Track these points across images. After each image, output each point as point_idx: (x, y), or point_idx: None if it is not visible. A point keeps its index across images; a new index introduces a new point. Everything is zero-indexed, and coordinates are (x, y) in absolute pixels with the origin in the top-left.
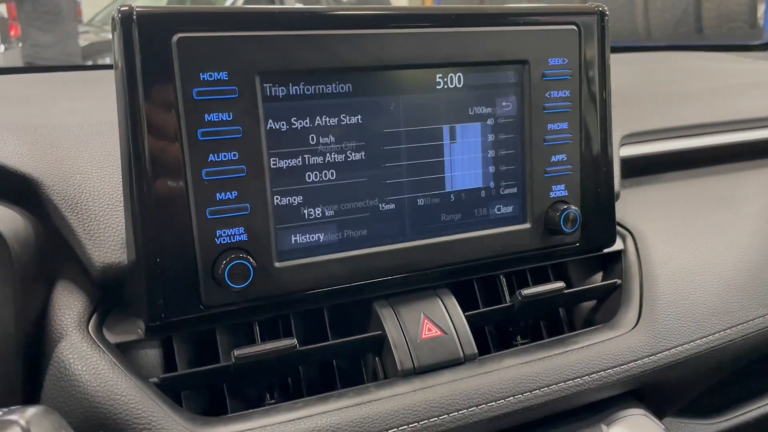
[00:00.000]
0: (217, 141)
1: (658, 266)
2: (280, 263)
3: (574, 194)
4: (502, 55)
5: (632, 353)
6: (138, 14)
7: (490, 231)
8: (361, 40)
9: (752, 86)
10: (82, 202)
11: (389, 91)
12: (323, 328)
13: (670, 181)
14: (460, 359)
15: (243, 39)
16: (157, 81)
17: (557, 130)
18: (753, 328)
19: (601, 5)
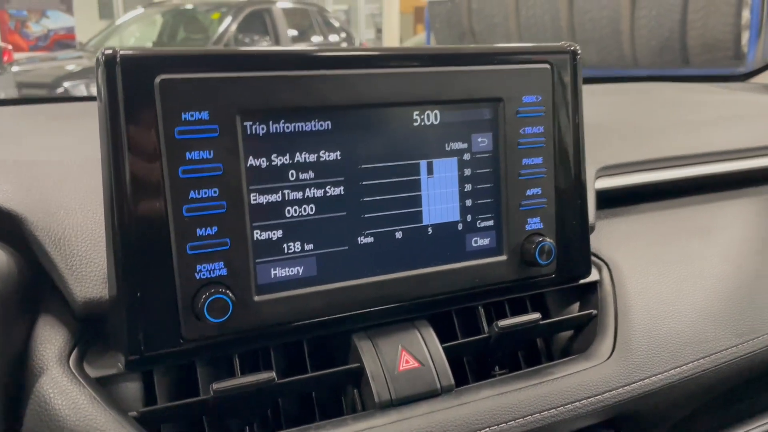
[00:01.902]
0: (198, 178)
1: (633, 296)
2: (260, 297)
3: (549, 227)
4: (478, 93)
5: (607, 384)
6: (122, 57)
7: (467, 263)
8: (340, 80)
9: (726, 119)
10: (65, 237)
11: (367, 128)
12: (303, 360)
13: (645, 212)
14: (437, 390)
15: (224, 80)
16: (140, 121)
17: (532, 165)
18: (726, 357)
19: (573, 44)
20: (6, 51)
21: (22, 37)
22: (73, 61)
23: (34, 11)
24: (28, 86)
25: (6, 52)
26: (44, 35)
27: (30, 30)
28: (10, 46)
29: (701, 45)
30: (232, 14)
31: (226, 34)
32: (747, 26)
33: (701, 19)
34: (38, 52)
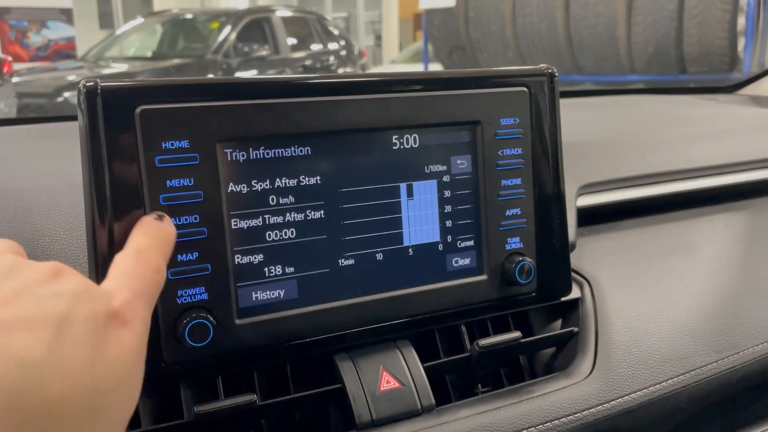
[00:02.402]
0: (178, 205)
1: (614, 313)
2: (241, 320)
3: (529, 246)
4: (456, 116)
5: (586, 401)
6: (102, 88)
7: (448, 283)
8: (319, 107)
9: (709, 134)
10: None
11: (347, 153)
12: (287, 381)
13: (627, 228)
14: (418, 410)
15: (203, 109)
16: (121, 150)
17: (511, 186)
18: (706, 373)
19: (550, 67)
20: (6, 62)
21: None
22: (73, 72)
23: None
24: (28, 96)
25: (6, 64)
26: (45, 45)
27: (30, 40)
28: (10, 58)
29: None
30: (231, 23)
31: (226, 43)
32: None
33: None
34: (39, 62)
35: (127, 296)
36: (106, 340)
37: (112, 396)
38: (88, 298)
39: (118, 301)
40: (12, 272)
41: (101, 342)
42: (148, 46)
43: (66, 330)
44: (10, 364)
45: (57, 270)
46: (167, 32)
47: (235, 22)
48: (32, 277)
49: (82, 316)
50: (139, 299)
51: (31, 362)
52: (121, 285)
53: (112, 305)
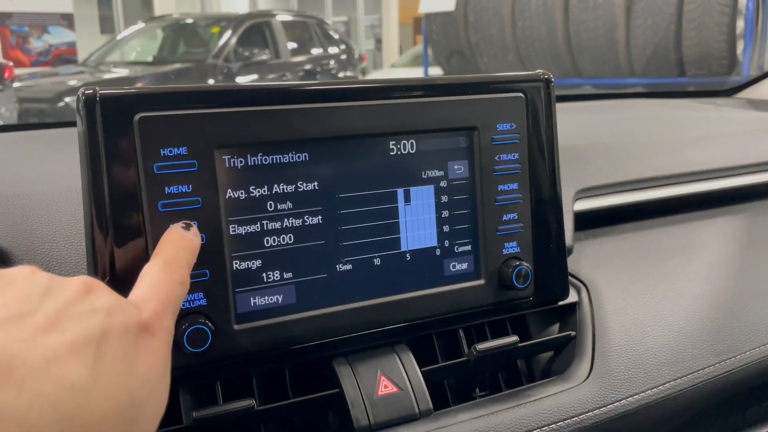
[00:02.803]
0: (177, 212)
1: (611, 317)
2: (239, 325)
3: (526, 251)
4: (453, 122)
5: (583, 405)
6: (101, 96)
7: (446, 288)
8: (316, 113)
9: (707, 138)
10: (49, 270)
11: (344, 159)
12: (285, 386)
13: (624, 232)
14: (416, 415)
15: (201, 116)
16: (120, 157)
17: (507, 191)
18: (703, 377)
19: (546, 73)
20: (7, 68)
21: (23, 52)
22: (74, 77)
23: (36, 27)
24: (29, 101)
25: (7, 69)
26: (46, 51)
27: (31, 45)
28: (11, 63)
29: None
30: (231, 28)
31: (226, 47)
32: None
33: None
34: (40, 67)
35: (155, 307)
36: (138, 352)
37: (145, 408)
38: (119, 311)
39: (147, 312)
40: (49, 291)
41: (134, 355)
42: (149, 51)
43: (104, 347)
44: (63, 391)
45: (88, 285)
46: (168, 37)
47: (235, 27)
48: (68, 295)
49: (117, 331)
50: (166, 310)
51: (79, 386)
52: (149, 296)
53: (142, 317)
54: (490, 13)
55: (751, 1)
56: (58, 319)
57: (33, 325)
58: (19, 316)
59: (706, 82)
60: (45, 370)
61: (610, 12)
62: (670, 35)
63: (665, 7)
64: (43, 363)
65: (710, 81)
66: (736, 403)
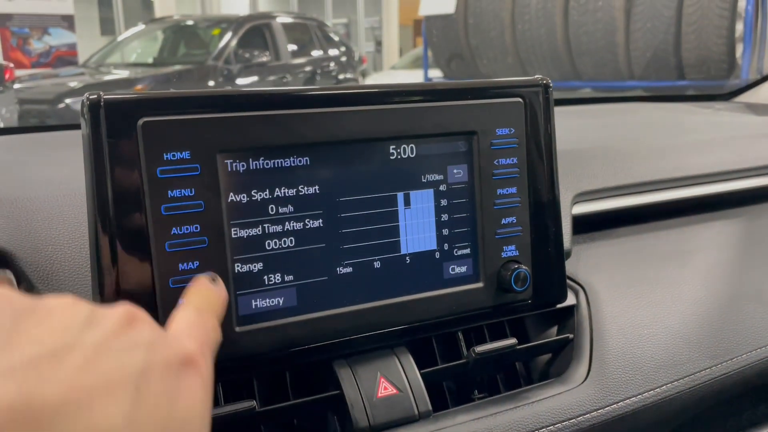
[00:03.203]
0: (179, 215)
1: (609, 320)
2: (241, 327)
3: (524, 254)
4: (452, 127)
5: (581, 407)
6: (105, 101)
7: (445, 291)
8: (317, 118)
9: (704, 142)
10: (52, 272)
11: (345, 163)
12: (285, 387)
13: (622, 236)
14: (415, 416)
15: (204, 121)
16: (123, 161)
17: (506, 195)
18: (700, 379)
19: (545, 78)
20: (7, 69)
21: (24, 54)
22: (74, 78)
23: (36, 28)
24: (29, 103)
25: (7, 70)
26: (46, 52)
27: (32, 47)
28: (11, 64)
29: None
30: (232, 30)
31: (227, 49)
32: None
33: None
34: (40, 68)
35: (197, 340)
36: (179, 389)
37: None
38: (162, 345)
39: (189, 346)
40: (90, 323)
41: (176, 392)
42: (150, 53)
43: (143, 386)
44: None
45: (130, 316)
46: (168, 38)
47: (236, 29)
48: (109, 327)
49: (158, 367)
50: (207, 347)
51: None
52: (188, 332)
53: (185, 350)
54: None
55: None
56: (97, 354)
57: (69, 363)
58: (54, 353)
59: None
60: (77, 415)
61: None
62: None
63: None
64: (76, 408)
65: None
66: (731, 407)
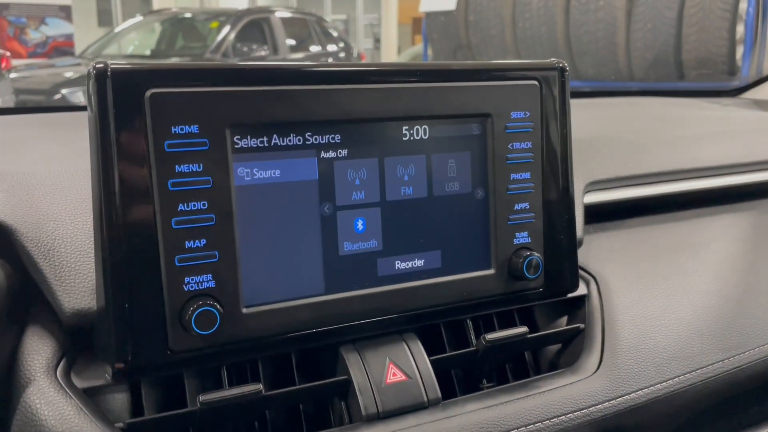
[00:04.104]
0: (187, 191)
1: (620, 311)
2: (248, 309)
3: (537, 241)
4: (466, 109)
5: (592, 398)
6: (113, 70)
7: (455, 277)
8: (329, 95)
9: (716, 134)
10: (54, 248)
11: (357, 143)
12: (292, 371)
13: (634, 227)
14: (424, 404)
15: (214, 94)
16: (130, 134)
17: (520, 180)
18: (712, 372)
19: (561, 61)
20: (4, 58)
21: (20, 43)
22: (71, 69)
23: (33, 18)
24: (25, 93)
25: (4, 59)
26: (43, 42)
27: (29, 37)
28: (8, 53)
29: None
30: (230, 23)
31: (224, 42)
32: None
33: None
34: (37, 59)
35: None
36: None
37: None
38: None
39: None
40: None
41: None
42: (147, 45)
43: None
44: None
45: None
46: (166, 31)
47: (234, 22)
48: None
49: None
50: None
51: None
52: None
53: None
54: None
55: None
56: None
57: None
58: None
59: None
60: None
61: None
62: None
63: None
64: None
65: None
66: (738, 402)
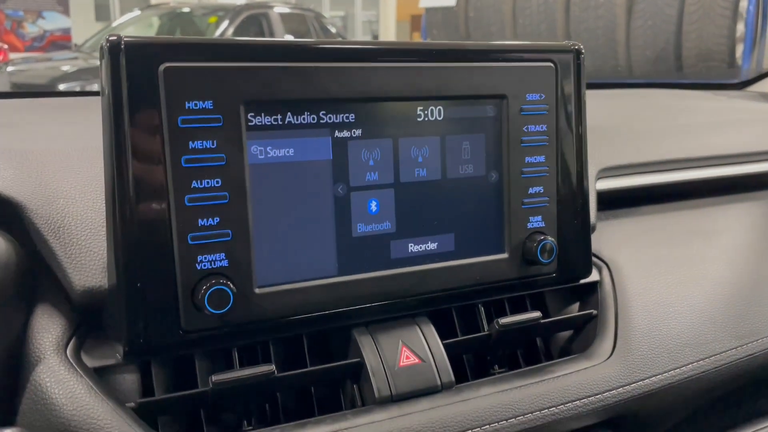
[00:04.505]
0: (200, 168)
1: (633, 297)
2: (260, 289)
3: (550, 225)
4: (482, 89)
5: (606, 383)
6: (126, 44)
7: (469, 260)
8: (344, 73)
9: (725, 124)
10: (64, 226)
11: (371, 122)
12: (303, 354)
13: (646, 214)
14: (438, 387)
15: (228, 69)
16: (143, 109)
17: (534, 163)
18: (726, 360)
19: (577, 44)
20: (1, 51)
21: (17, 37)
22: (68, 62)
23: (31, 12)
24: (23, 86)
25: (1, 52)
26: (40, 36)
27: (26, 30)
28: (5, 46)
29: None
30: (229, 18)
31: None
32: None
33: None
34: (34, 52)
35: None
36: None
37: None
38: None
39: None
40: None
41: None
42: None
43: None
44: None
45: None
46: (164, 25)
47: (232, 17)
48: None
49: None
50: None
51: None
52: None
53: None
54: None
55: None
56: None
57: None
58: None
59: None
60: None
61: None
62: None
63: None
64: None
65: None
66: (749, 392)
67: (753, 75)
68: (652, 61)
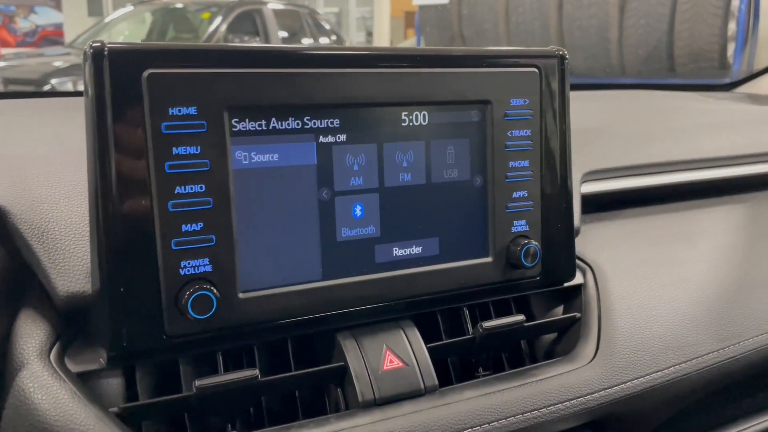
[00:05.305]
0: (184, 174)
1: (617, 300)
2: (244, 294)
3: (534, 229)
4: (466, 95)
5: (589, 386)
6: (109, 50)
7: (453, 264)
8: (329, 79)
9: (712, 126)
10: (48, 231)
11: (355, 127)
12: (287, 358)
13: (630, 217)
14: (421, 391)
15: (212, 75)
16: (127, 115)
17: (519, 168)
18: (708, 362)
19: (561, 49)
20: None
21: (9, 32)
22: (60, 58)
23: (23, 7)
24: (14, 82)
25: None
26: (32, 31)
27: (18, 26)
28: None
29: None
30: (222, 14)
31: (216, 33)
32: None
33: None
34: (25, 48)
35: None
36: None
37: None
38: None
39: None
40: None
41: None
42: (138, 35)
43: None
44: None
45: None
46: (157, 21)
47: (226, 13)
48: None
49: None
50: None
51: None
52: None
53: None
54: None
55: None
56: None
57: None
58: None
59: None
60: None
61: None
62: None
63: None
64: None
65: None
66: (732, 393)
67: (744, 75)
68: (644, 60)
